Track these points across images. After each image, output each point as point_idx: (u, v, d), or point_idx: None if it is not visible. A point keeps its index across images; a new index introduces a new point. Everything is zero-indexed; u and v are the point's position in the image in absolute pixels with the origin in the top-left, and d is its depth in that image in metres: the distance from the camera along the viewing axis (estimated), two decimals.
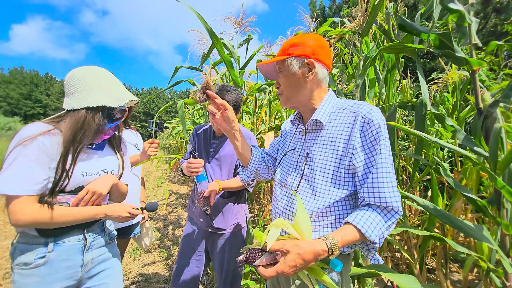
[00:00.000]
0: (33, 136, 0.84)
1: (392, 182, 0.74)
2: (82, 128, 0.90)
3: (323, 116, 0.86)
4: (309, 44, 0.84)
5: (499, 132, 0.97)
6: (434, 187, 1.45)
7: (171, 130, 8.66)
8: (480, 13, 7.01)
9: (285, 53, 0.86)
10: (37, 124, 0.89)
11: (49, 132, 0.87)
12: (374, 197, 0.74)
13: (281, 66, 0.88)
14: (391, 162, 0.77)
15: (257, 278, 2.25)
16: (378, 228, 0.72)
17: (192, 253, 1.55)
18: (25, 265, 0.86)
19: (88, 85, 0.93)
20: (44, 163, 0.85)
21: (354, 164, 0.77)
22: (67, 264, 0.93)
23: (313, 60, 0.84)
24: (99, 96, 0.93)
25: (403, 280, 0.90)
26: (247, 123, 3.43)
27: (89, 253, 0.99)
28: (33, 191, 0.83)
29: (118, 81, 1.03)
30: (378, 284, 2.30)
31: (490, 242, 0.94)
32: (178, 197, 5.61)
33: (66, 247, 0.93)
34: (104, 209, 0.98)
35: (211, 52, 2.22)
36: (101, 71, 0.99)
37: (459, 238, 2.52)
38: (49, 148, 0.86)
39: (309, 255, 0.66)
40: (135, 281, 2.41)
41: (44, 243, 0.90)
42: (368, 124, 0.77)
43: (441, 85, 2.92)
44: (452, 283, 2.24)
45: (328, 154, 0.82)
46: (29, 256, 0.87)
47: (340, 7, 11.73)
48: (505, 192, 0.92)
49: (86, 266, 0.98)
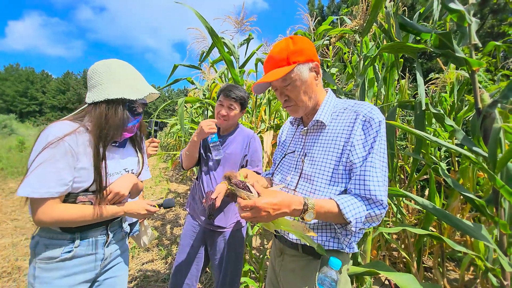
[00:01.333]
0: (60, 138, 0.83)
1: (379, 177, 0.75)
2: (107, 123, 0.90)
3: (325, 116, 0.87)
4: (307, 47, 0.84)
5: (499, 132, 0.98)
6: (432, 187, 1.47)
7: (169, 128, 8.62)
8: (477, 14, 7.05)
9: (288, 63, 0.81)
10: (63, 123, 0.88)
11: (75, 132, 0.87)
12: (359, 189, 0.76)
13: (287, 79, 0.83)
14: (382, 159, 0.77)
15: (256, 277, 2.25)
16: (357, 210, 0.73)
17: (191, 251, 1.55)
18: (50, 259, 0.87)
19: (109, 78, 0.93)
20: (70, 165, 0.85)
21: (351, 160, 0.78)
22: (91, 258, 0.96)
23: (317, 62, 0.85)
24: (119, 88, 0.92)
25: (402, 278, 0.91)
26: (247, 122, 3.42)
27: (109, 247, 1.04)
28: (58, 193, 0.84)
29: (138, 74, 1.02)
30: (376, 283, 2.32)
31: (488, 241, 0.95)
32: (176, 195, 5.59)
33: (91, 242, 0.97)
34: (124, 207, 1.02)
35: (211, 51, 2.21)
36: (122, 64, 0.99)
37: (455, 237, 2.55)
38: (75, 149, 0.86)
39: (285, 198, 0.71)
40: (134, 279, 2.40)
41: (70, 239, 0.91)
42: (369, 122, 0.79)
43: (439, 85, 2.94)
44: (449, 282, 2.26)
45: (329, 153, 0.83)
46: (55, 251, 0.88)
47: (339, 6, 11.73)
48: (503, 191, 0.93)
49: (105, 260, 1.02)
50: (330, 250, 0.82)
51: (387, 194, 0.76)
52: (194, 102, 2.56)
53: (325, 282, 0.74)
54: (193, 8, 1.70)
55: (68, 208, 0.87)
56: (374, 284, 2.30)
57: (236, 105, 1.47)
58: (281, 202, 0.70)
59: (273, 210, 0.69)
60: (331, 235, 0.83)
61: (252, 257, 2.24)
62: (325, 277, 0.75)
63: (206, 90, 3.52)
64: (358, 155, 0.78)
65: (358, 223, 0.73)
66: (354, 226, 0.73)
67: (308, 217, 0.72)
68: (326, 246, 0.82)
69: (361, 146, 0.78)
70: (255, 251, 2.94)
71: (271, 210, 0.68)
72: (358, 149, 0.78)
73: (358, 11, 1.56)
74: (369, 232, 1.36)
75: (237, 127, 1.61)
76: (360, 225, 0.74)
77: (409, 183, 1.56)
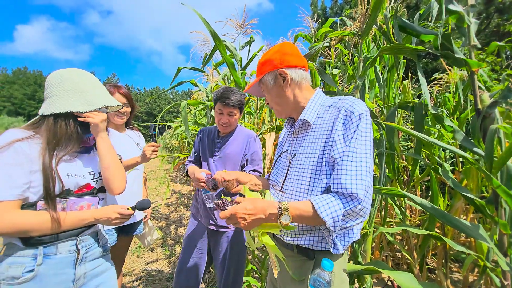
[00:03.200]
0: (9, 143, 0.81)
1: (357, 171, 0.74)
2: (55, 137, 0.87)
3: (310, 115, 0.89)
4: (274, 57, 0.90)
5: (495, 132, 0.99)
6: (434, 187, 1.47)
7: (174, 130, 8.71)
8: (482, 13, 6.98)
9: (261, 72, 0.93)
10: (14, 130, 0.86)
11: (27, 138, 0.85)
12: (336, 183, 0.75)
13: (262, 85, 0.95)
14: (361, 152, 0.76)
15: (258, 277, 2.27)
16: (333, 209, 0.72)
17: (195, 250, 1.57)
18: (13, 280, 0.80)
19: (58, 90, 0.90)
20: (24, 167, 0.81)
21: (333, 155, 0.78)
22: (58, 279, 0.86)
23: (283, 68, 0.89)
24: (68, 101, 0.89)
25: (401, 277, 0.92)
26: (249, 123, 3.45)
27: (82, 266, 0.93)
28: (12, 196, 0.79)
29: (94, 84, 0.97)
30: (379, 283, 2.32)
31: (486, 241, 0.95)
32: (180, 196, 5.65)
33: (57, 260, 0.86)
34: (93, 213, 0.92)
35: (214, 54, 2.25)
36: (76, 74, 0.94)
37: (460, 239, 2.53)
38: (29, 152, 0.83)
39: (260, 205, 0.74)
40: (139, 278, 2.45)
41: (32, 255, 0.83)
42: (349, 116, 0.79)
43: (443, 85, 2.92)
44: (453, 283, 2.24)
45: (313, 151, 0.84)
46: (16, 269, 0.81)
47: (342, 7, 11.70)
48: (500, 191, 0.94)
49: (79, 281, 0.91)
50: (321, 251, 0.83)
51: (366, 188, 0.73)
52: (197, 104, 2.60)
53: (317, 283, 0.75)
54: (197, 10, 1.74)
55: (24, 214, 0.81)
56: (377, 284, 2.30)
57: (235, 111, 1.49)
58: (255, 208, 0.72)
59: (249, 216, 0.71)
60: (320, 237, 0.83)
61: (255, 257, 2.26)
62: (317, 278, 0.75)
63: (210, 92, 3.57)
64: (339, 150, 0.78)
65: (336, 222, 0.72)
66: (331, 225, 0.72)
67: (285, 221, 0.72)
68: (316, 247, 0.83)
69: (342, 141, 0.78)
70: (258, 251, 2.96)
71: (246, 216, 0.71)
72: (338, 144, 0.78)
73: (358, 13, 1.58)
74: (370, 232, 1.37)
75: (237, 127, 1.64)
76: (339, 223, 0.72)
77: (410, 183, 1.56)
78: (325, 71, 1.92)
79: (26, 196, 0.83)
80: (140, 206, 1.04)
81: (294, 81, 0.90)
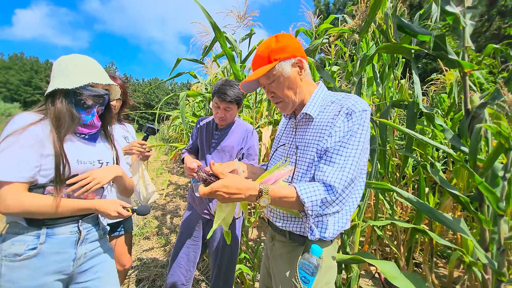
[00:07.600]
0: (25, 127, 0.85)
1: (342, 165, 0.77)
2: (54, 116, 0.90)
3: (313, 109, 0.90)
4: (291, 45, 0.88)
5: (479, 131, 1.03)
6: (421, 183, 1.52)
7: (171, 121, 8.69)
8: (484, 15, 6.97)
9: (269, 61, 0.86)
10: (29, 113, 0.90)
11: (39, 121, 0.89)
12: (319, 173, 0.80)
13: (270, 76, 0.88)
14: (353, 149, 0.79)
15: (251, 266, 2.33)
16: (314, 193, 0.76)
17: (189, 239, 1.61)
18: (15, 257, 0.84)
19: (55, 73, 0.95)
20: (36, 150, 0.85)
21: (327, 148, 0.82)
22: (59, 258, 0.90)
23: (300, 57, 0.88)
24: (58, 81, 0.92)
25: (385, 266, 0.97)
26: (247, 116, 3.48)
27: (83, 246, 0.97)
28: (24, 178, 0.83)
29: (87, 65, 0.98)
30: (366, 275, 2.40)
31: (466, 234, 1.01)
32: (177, 187, 5.69)
33: (59, 240, 0.90)
34: (96, 203, 0.96)
35: (213, 45, 2.25)
36: (73, 57, 0.97)
37: (448, 236, 2.62)
38: (41, 135, 0.87)
39: (241, 184, 0.76)
40: (134, 265, 2.50)
41: (36, 234, 0.87)
42: (350, 114, 0.82)
43: (439, 86, 2.96)
44: (438, 278, 2.33)
45: (313, 145, 0.87)
46: (19, 247, 0.84)
47: (345, 3, 11.61)
48: (482, 188, 0.98)
49: (79, 260, 0.95)
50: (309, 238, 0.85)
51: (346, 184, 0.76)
52: (196, 96, 2.61)
53: (305, 267, 0.80)
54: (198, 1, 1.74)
55: (32, 196, 0.85)
56: (365, 276, 2.38)
57: (232, 106, 1.49)
58: (236, 187, 0.75)
59: (229, 195, 0.75)
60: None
61: (248, 248, 2.32)
62: (305, 262, 0.80)
63: (209, 84, 3.57)
64: (331, 143, 0.81)
65: (314, 206, 0.76)
66: (310, 209, 0.75)
67: (263, 203, 0.76)
68: (305, 233, 0.87)
69: (337, 136, 0.82)
70: (252, 242, 3.03)
71: (226, 195, 0.75)
72: (334, 138, 0.82)
73: (358, 11, 1.60)
74: (358, 224, 1.42)
75: (235, 120, 1.66)
76: (317, 208, 0.76)
77: (400, 179, 1.61)
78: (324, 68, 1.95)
79: (36, 179, 0.87)
80: (140, 212, 1.09)
81: (305, 73, 0.91)
